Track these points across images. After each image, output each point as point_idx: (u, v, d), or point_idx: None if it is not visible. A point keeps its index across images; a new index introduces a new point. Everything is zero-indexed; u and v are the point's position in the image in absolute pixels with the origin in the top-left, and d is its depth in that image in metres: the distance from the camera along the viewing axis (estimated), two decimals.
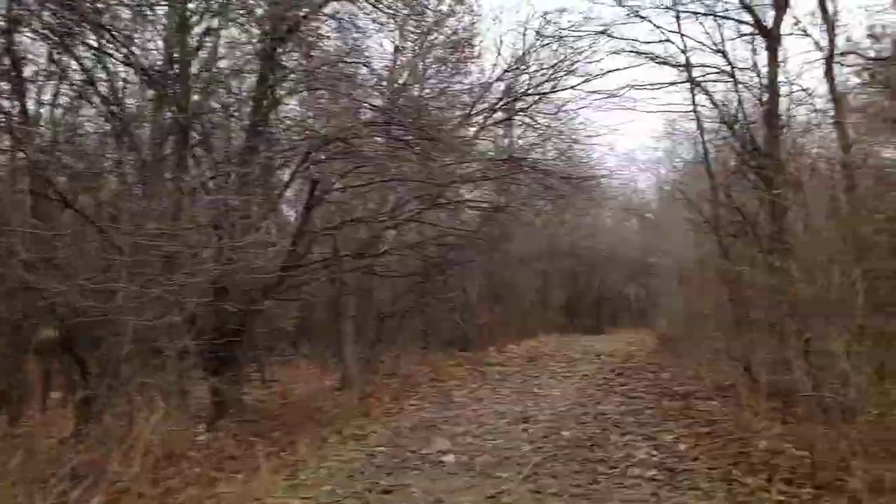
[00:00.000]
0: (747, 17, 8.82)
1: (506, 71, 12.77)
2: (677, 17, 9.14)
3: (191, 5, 7.41)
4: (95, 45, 7.14)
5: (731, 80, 8.75)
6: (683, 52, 9.13)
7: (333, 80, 8.69)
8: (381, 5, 8.75)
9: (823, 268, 5.17)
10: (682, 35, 9.19)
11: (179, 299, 5.40)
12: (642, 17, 9.07)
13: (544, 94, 13.05)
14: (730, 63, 8.73)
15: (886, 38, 8.35)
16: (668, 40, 9.14)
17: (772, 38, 8.49)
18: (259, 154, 7.92)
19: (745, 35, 9.00)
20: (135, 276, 5.27)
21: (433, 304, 14.01)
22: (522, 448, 6.22)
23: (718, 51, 8.76)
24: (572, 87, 12.70)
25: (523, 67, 12.77)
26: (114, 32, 7.05)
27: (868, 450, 4.14)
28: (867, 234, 6.05)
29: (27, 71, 6.58)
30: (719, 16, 9.15)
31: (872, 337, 4.94)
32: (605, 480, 5.21)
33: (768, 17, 8.50)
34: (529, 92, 13.04)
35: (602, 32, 9.68)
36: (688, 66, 9.24)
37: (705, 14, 9.19)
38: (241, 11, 7.75)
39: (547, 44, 12.32)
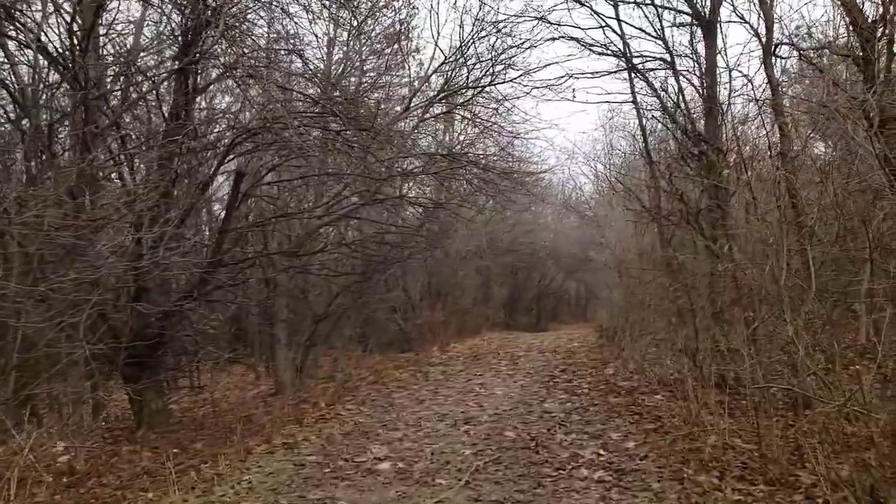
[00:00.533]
0: (685, 6, 8.71)
1: (443, 63, 12.41)
2: (615, 5, 8.96)
3: None
4: None
5: (671, 67, 8.62)
6: (622, 37, 8.95)
7: (262, 68, 8.18)
8: None
9: (772, 253, 4.98)
10: (620, 21, 9.02)
11: (77, 298, 4.78)
12: (581, 3, 8.84)
13: (483, 87, 12.72)
14: (669, 51, 8.61)
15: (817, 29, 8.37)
16: (607, 26, 8.95)
17: (709, 26, 8.40)
18: (180, 143, 7.33)
19: (684, 24, 8.90)
20: (24, 273, 4.66)
21: (373, 304, 13.57)
22: (463, 451, 5.86)
23: (658, 37, 8.62)
24: (512, 81, 12.42)
25: (461, 60, 12.43)
26: (11, 10, 6.37)
27: (824, 442, 3.92)
28: (808, 223, 5.94)
29: None
30: (657, 6, 9.02)
31: (821, 324, 4.78)
32: (550, 484, 4.90)
33: (707, 5, 8.40)
34: (468, 85, 12.71)
35: (540, 19, 9.40)
36: (627, 54, 9.07)
37: (642, 3, 9.04)
38: None
39: (485, 35, 12.01)
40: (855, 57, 7.24)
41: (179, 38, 7.65)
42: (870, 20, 7.06)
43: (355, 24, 11.65)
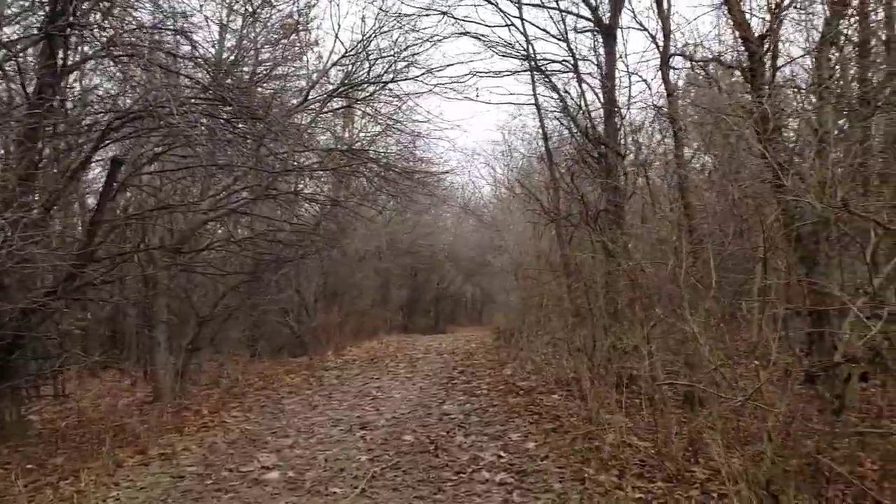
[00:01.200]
0: (587, 12, 8.83)
1: (343, 56, 12.03)
2: (519, 6, 8.96)
3: None
4: None
5: (574, 71, 8.71)
6: (526, 38, 8.96)
7: (145, 47, 7.53)
8: None
9: (671, 253, 5.03)
10: (524, 21, 9.05)
11: None
12: (487, 0, 8.77)
13: (385, 83, 12.44)
14: (572, 54, 8.70)
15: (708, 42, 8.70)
16: (511, 25, 8.94)
17: (610, 32, 8.55)
18: (43, 122, 6.57)
19: (586, 30, 9.02)
20: None
21: (263, 305, 12.92)
22: (359, 458, 5.56)
23: (562, 40, 8.69)
24: (415, 78, 12.19)
25: (363, 54, 12.09)
26: None
27: (723, 438, 3.94)
28: (705, 223, 6.10)
29: None
30: (560, 10, 9.10)
31: (716, 322, 4.85)
32: (450, 488, 4.70)
33: (608, 11, 8.54)
34: (369, 80, 12.38)
35: (445, 13, 9.26)
36: (530, 55, 9.08)
37: (544, 6, 9.10)
38: None
39: (388, 30, 11.74)
40: (742, 69, 7.56)
41: (46, 6, 6.90)
42: (757, 34, 7.39)
43: (250, 9, 11.06)
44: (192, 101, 7.65)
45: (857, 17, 7.75)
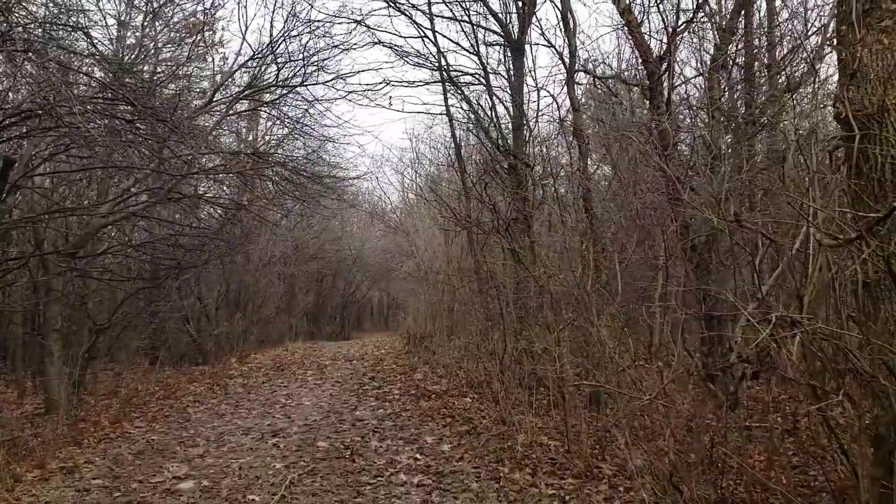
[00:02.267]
0: (497, 26, 9.12)
1: (250, 59, 11.77)
2: (431, 18, 9.14)
3: None
4: None
5: (485, 83, 8.97)
6: (438, 49, 9.16)
7: (39, 42, 7.12)
8: None
9: (578, 261, 5.32)
10: (436, 33, 9.24)
11: None
12: (401, 11, 8.89)
13: (293, 87, 12.27)
14: (483, 67, 8.95)
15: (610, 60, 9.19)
16: (425, 36, 9.10)
17: (518, 47, 8.87)
18: None
19: (495, 44, 9.32)
20: None
21: (163, 313, 12.40)
22: (274, 465, 5.50)
23: (473, 53, 8.93)
24: (325, 83, 12.10)
25: (271, 57, 11.88)
26: None
27: (631, 435, 4.22)
28: (609, 233, 6.46)
29: None
30: (472, 23, 9.34)
31: (621, 326, 5.17)
32: (370, 492, 4.75)
33: (516, 27, 8.86)
34: (277, 83, 12.18)
35: (358, 22, 9.28)
36: (442, 67, 9.27)
37: (456, 20, 9.32)
38: None
39: (298, 34, 11.61)
40: (642, 86, 8.05)
41: None
42: (655, 55, 7.91)
43: (152, 7, 10.66)
44: (94, 99, 7.31)
45: (742, 44, 8.45)
